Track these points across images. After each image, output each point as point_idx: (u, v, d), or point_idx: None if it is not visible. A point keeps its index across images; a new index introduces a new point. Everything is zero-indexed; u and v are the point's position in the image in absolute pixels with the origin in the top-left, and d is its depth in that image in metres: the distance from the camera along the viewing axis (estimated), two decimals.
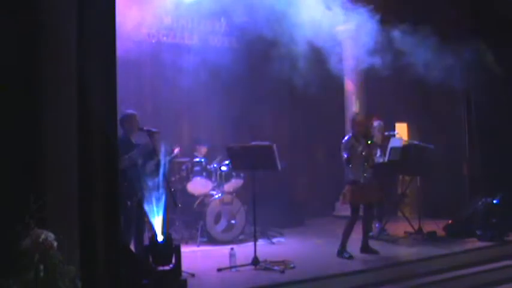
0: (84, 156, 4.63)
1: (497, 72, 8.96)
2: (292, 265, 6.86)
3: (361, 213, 7.70)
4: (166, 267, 5.90)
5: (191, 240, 8.58)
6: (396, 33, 9.09)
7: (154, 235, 6.30)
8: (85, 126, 4.66)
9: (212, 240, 8.49)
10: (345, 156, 7.38)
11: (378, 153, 8.79)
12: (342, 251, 7.41)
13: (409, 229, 8.78)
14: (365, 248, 7.61)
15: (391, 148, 8.65)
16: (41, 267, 3.86)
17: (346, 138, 7.55)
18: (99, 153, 4.75)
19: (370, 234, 8.18)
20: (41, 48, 4.47)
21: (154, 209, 6.33)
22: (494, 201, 8.76)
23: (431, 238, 8.50)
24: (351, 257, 7.31)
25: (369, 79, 10.87)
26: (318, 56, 10.03)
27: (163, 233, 6.32)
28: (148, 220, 7.47)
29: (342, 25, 10.79)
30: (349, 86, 11.25)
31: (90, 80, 4.72)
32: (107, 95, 4.84)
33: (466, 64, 9.35)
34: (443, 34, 9.23)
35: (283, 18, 9.19)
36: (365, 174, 7.46)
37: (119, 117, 5.59)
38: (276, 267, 6.73)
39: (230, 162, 8.01)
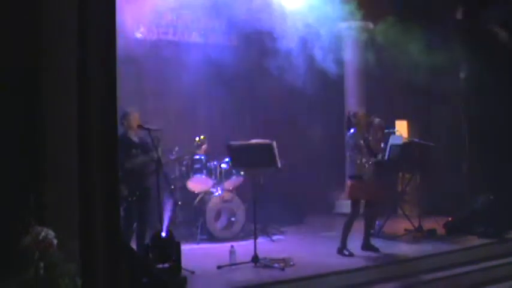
0: (84, 154, 4.62)
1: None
2: (292, 263, 6.87)
3: (362, 210, 7.71)
4: (166, 265, 5.91)
5: (191, 237, 8.58)
6: (395, 32, 9.12)
7: (154, 233, 6.32)
8: (85, 123, 4.65)
9: (212, 238, 8.50)
10: (353, 150, 7.38)
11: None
12: (342, 248, 7.40)
13: (409, 227, 8.78)
14: (366, 246, 7.60)
15: (391, 145, 8.64)
16: (41, 265, 3.85)
17: (351, 133, 7.50)
18: (99, 151, 4.74)
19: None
20: (40, 47, 4.46)
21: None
22: (494, 199, 8.76)
23: (431, 236, 8.51)
24: (351, 255, 7.30)
25: (368, 76, 10.87)
26: (317, 53, 10.04)
27: (163, 231, 6.33)
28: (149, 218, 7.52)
29: (342, 22, 10.82)
30: (349, 82, 11.25)
31: (90, 78, 4.71)
32: (106, 93, 4.83)
33: (466, 62, 9.37)
34: (444, 32, 9.26)
35: (283, 15, 9.20)
36: (369, 171, 7.44)
37: (118, 115, 5.59)
38: (276, 265, 6.73)
39: (230, 160, 8.01)
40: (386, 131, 8.78)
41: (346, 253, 7.34)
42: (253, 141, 7.71)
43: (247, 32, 10.37)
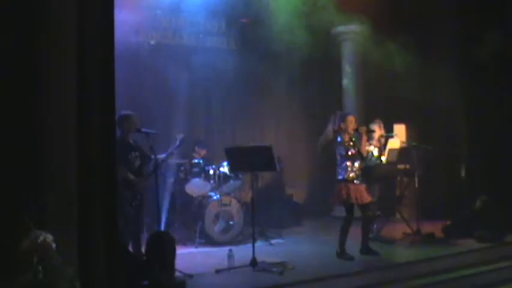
0: (83, 157, 4.62)
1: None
2: (290, 266, 6.85)
3: (359, 214, 7.70)
4: (165, 268, 5.89)
5: (189, 241, 8.56)
6: (394, 37, 9.16)
7: (152, 236, 6.30)
8: (84, 127, 4.66)
9: (210, 242, 8.48)
10: (342, 153, 7.38)
11: (375, 153, 8.77)
12: (341, 253, 7.39)
13: (408, 230, 8.78)
14: (365, 249, 7.59)
15: (389, 149, 8.64)
16: (40, 268, 3.85)
17: (340, 139, 7.50)
18: (98, 154, 4.74)
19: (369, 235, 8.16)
20: (41, 49, 4.47)
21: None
22: (492, 202, 8.76)
23: (429, 239, 8.50)
24: (350, 258, 7.29)
25: (367, 79, 10.89)
26: (317, 57, 10.07)
27: (162, 234, 6.32)
28: (146, 221, 7.50)
29: (341, 26, 10.85)
30: (348, 86, 11.26)
31: (89, 81, 4.72)
32: (105, 97, 4.84)
33: (465, 66, 9.40)
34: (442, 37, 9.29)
35: (281, 18, 9.22)
36: (359, 174, 7.44)
37: (116, 118, 5.58)
38: (274, 269, 6.70)
39: (228, 163, 8.01)
40: (384, 134, 8.78)
41: (346, 257, 7.32)
42: (252, 144, 7.71)
43: (246, 34, 10.41)
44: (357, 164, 7.43)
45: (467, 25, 9.63)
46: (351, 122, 7.50)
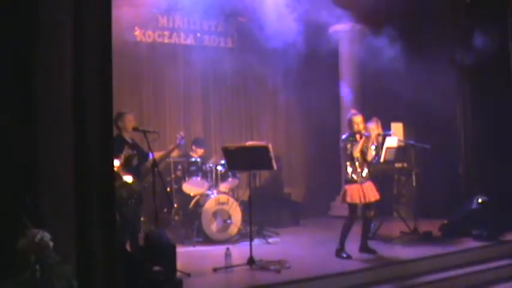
0: (80, 156, 4.62)
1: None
2: (288, 265, 6.86)
3: (360, 213, 7.69)
4: (162, 267, 5.89)
5: (187, 240, 8.57)
6: (391, 36, 9.16)
7: (149, 235, 6.30)
8: (81, 126, 4.65)
9: (208, 240, 8.48)
10: (348, 152, 7.36)
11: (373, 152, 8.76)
12: (340, 251, 7.38)
13: (405, 229, 8.77)
14: (364, 248, 7.58)
15: (387, 148, 8.63)
16: (37, 267, 3.84)
17: (345, 136, 7.47)
18: (96, 153, 4.74)
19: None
20: (37, 48, 4.46)
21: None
22: (490, 201, 8.76)
23: (427, 238, 8.50)
24: (349, 257, 7.28)
25: (364, 78, 10.88)
26: (314, 56, 10.05)
27: (159, 233, 6.31)
28: (144, 220, 7.50)
29: (338, 24, 10.84)
30: (345, 85, 11.24)
31: (86, 80, 4.71)
32: (102, 96, 4.83)
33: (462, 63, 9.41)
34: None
35: (279, 17, 9.22)
36: (363, 174, 7.43)
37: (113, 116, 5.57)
38: (271, 267, 6.72)
39: (226, 162, 8.01)
40: (381, 133, 8.77)
41: (344, 255, 7.31)
42: (249, 143, 7.70)
43: (244, 34, 10.41)
44: (360, 163, 7.39)
45: (463, 24, 9.64)
46: (356, 123, 7.42)
